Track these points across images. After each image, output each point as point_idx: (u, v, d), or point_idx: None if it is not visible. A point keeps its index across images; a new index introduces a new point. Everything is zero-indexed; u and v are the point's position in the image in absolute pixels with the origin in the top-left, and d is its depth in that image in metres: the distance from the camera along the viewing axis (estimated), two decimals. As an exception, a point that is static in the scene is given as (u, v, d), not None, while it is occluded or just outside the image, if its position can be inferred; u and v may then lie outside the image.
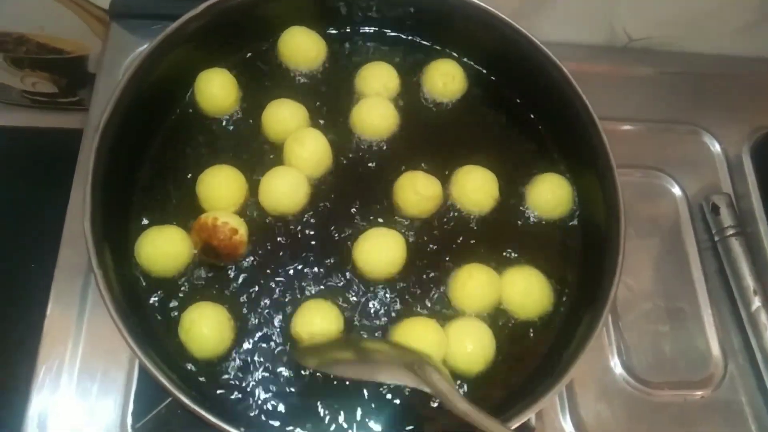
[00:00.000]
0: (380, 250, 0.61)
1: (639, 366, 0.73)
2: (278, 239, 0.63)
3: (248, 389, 0.57)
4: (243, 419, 0.55)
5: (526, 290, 0.62)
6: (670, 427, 0.72)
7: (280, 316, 0.60)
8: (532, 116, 0.73)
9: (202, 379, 0.57)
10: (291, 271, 0.62)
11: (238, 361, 0.58)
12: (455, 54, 0.75)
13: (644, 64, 0.93)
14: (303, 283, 0.62)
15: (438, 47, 0.75)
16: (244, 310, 0.60)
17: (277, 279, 0.62)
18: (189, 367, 0.57)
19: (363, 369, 0.53)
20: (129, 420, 0.61)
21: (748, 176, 0.86)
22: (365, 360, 0.55)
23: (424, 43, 0.75)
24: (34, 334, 0.65)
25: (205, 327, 0.56)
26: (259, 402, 0.57)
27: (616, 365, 0.73)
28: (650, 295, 0.78)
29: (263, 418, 0.56)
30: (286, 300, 0.61)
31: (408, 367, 0.48)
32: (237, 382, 0.57)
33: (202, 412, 0.50)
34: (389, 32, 0.75)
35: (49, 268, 0.67)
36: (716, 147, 0.88)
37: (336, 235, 0.64)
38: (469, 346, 0.59)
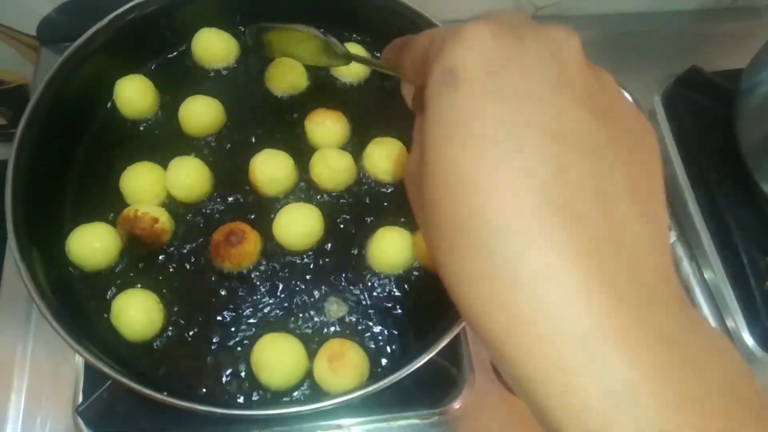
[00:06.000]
0: (297, 223, 0.66)
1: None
2: (201, 225, 0.67)
3: (180, 364, 0.61)
4: (174, 390, 0.59)
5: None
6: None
7: (206, 295, 0.64)
8: (438, 87, 0.77)
9: (136, 359, 0.61)
10: (215, 253, 0.66)
11: (169, 340, 0.62)
12: (359, 38, 0.79)
13: (555, 30, 0.97)
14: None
15: (344, 33, 0.79)
16: (173, 293, 0.64)
17: (203, 262, 0.66)
18: (123, 351, 0.61)
19: None
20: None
21: (661, 123, 0.90)
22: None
23: (331, 30, 0.79)
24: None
25: (134, 311, 0.60)
26: (190, 375, 0.61)
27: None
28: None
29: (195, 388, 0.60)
30: (212, 279, 0.65)
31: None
32: (170, 359, 0.61)
33: (135, 386, 0.54)
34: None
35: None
36: (629, 99, 0.92)
37: (256, 214, 0.68)
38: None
